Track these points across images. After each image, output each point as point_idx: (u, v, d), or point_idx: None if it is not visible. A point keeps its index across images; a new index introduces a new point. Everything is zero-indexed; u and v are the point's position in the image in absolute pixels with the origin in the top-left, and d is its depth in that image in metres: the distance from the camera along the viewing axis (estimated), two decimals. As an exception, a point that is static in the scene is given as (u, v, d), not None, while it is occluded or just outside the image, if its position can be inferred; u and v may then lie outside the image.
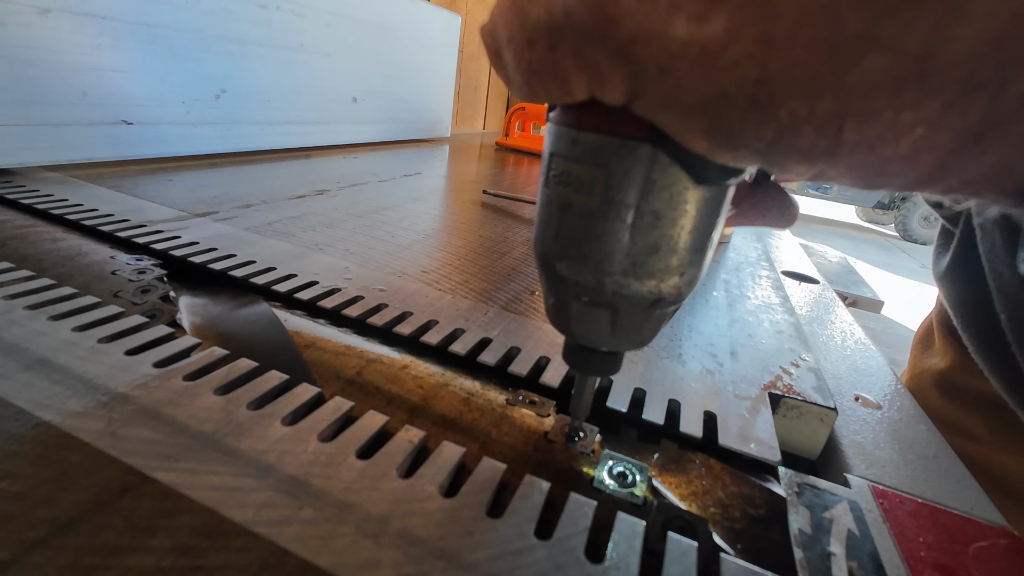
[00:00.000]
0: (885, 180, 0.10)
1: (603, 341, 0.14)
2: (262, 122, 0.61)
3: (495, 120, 1.75)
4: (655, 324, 0.14)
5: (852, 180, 0.10)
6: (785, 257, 0.56)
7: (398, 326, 0.26)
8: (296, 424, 0.17)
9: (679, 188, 0.11)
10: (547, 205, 0.13)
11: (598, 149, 0.11)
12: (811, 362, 0.28)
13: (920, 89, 0.08)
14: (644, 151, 0.11)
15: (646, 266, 0.12)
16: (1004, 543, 0.17)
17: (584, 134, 0.12)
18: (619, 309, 0.13)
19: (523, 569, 0.14)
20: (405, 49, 0.83)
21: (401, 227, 0.42)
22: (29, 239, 0.29)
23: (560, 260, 0.13)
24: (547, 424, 0.20)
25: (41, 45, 0.39)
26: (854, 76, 0.08)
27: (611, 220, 0.12)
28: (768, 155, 0.10)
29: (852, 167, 0.09)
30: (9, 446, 0.15)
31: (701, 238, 0.12)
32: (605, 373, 0.16)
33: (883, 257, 4.15)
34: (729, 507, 0.18)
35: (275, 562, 0.13)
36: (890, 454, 0.23)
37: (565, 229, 0.13)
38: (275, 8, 0.58)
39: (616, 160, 0.11)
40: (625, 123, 0.11)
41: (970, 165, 0.09)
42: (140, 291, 0.24)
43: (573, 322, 0.14)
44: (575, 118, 0.12)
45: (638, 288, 0.12)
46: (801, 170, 0.10)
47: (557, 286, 0.14)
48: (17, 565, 0.12)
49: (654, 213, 0.12)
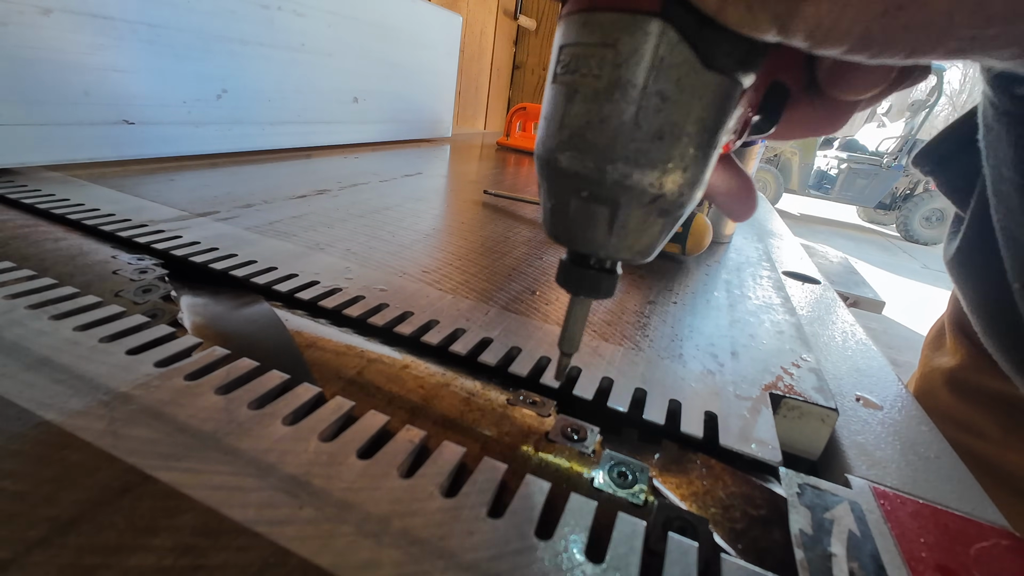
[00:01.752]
0: (898, 18, 0.09)
1: (600, 244, 0.14)
2: (263, 122, 0.61)
3: (496, 120, 1.75)
4: (655, 230, 0.14)
5: (866, 18, 0.09)
6: (786, 257, 0.56)
7: (399, 326, 0.26)
8: (297, 424, 0.17)
9: (687, 69, 0.11)
10: (552, 101, 0.13)
11: (608, 26, 0.11)
12: (812, 362, 0.28)
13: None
14: (655, 26, 0.11)
15: (649, 154, 0.12)
16: (1005, 544, 0.17)
17: (596, 15, 0.11)
18: (619, 204, 0.13)
19: (524, 569, 0.14)
20: (406, 49, 0.83)
21: (402, 227, 0.42)
22: (30, 239, 0.29)
23: (563, 152, 0.13)
24: (548, 424, 0.20)
25: (43, 45, 0.39)
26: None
27: (616, 101, 0.12)
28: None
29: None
30: (10, 445, 0.15)
31: (706, 133, 0.12)
32: (599, 294, 0.15)
33: (884, 257, 4.14)
34: (730, 507, 0.18)
35: (276, 561, 0.13)
36: (891, 455, 0.23)
37: (570, 118, 0.12)
38: (276, 8, 0.58)
39: (626, 36, 0.11)
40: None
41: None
42: (141, 290, 0.24)
43: (571, 222, 0.14)
44: (589, 0, 0.12)
45: (639, 178, 0.12)
46: (813, 6, 0.10)
47: (558, 183, 0.13)
48: (18, 564, 0.12)
49: (660, 94, 0.11)
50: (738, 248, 0.53)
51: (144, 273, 0.26)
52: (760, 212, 0.81)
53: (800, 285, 0.47)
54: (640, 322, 0.31)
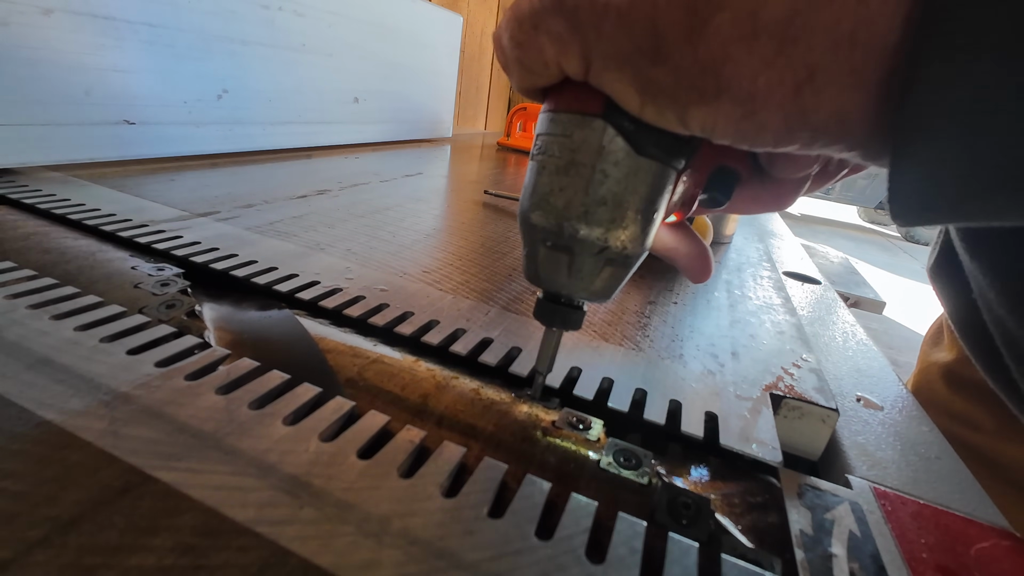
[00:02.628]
0: (760, 119, 0.12)
1: (562, 284, 0.17)
2: (264, 122, 0.61)
3: (496, 120, 1.75)
4: (607, 277, 0.17)
5: (743, 121, 0.13)
6: (787, 257, 0.56)
7: (399, 326, 0.26)
8: (297, 424, 0.17)
9: (622, 155, 0.15)
10: (529, 173, 0.17)
11: (567, 123, 0.15)
12: (813, 363, 0.28)
13: (756, 40, 0.11)
14: (598, 124, 0.15)
15: (596, 214, 0.15)
16: (1006, 544, 0.17)
17: (559, 114, 0.16)
18: (574, 252, 0.16)
19: (524, 569, 0.14)
20: (407, 49, 0.83)
21: (402, 227, 0.42)
22: (33, 240, 0.29)
23: (533, 212, 0.16)
24: (554, 415, 0.20)
25: (44, 45, 0.39)
26: (711, 29, 0.12)
27: (572, 176, 0.15)
28: (676, 96, 0.13)
29: (736, 105, 0.12)
30: (11, 445, 0.15)
31: (642, 202, 0.16)
32: (568, 326, 0.19)
33: (885, 258, 4.14)
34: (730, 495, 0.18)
35: (276, 562, 0.13)
36: (892, 455, 0.23)
37: (539, 187, 0.16)
38: (277, 8, 0.58)
39: (578, 130, 0.15)
40: (586, 102, 0.15)
41: (813, 106, 0.12)
42: (165, 306, 0.24)
43: (540, 267, 0.17)
44: (554, 102, 0.16)
45: (587, 233, 0.16)
46: (701, 110, 0.13)
47: (530, 235, 0.17)
48: (19, 564, 0.12)
49: (603, 172, 0.15)
50: (739, 248, 0.53)
51: (166, 286, 0.26)
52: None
53: (801, 285, 0.47)
54: (641, 322, 0.31)
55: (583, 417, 0.20)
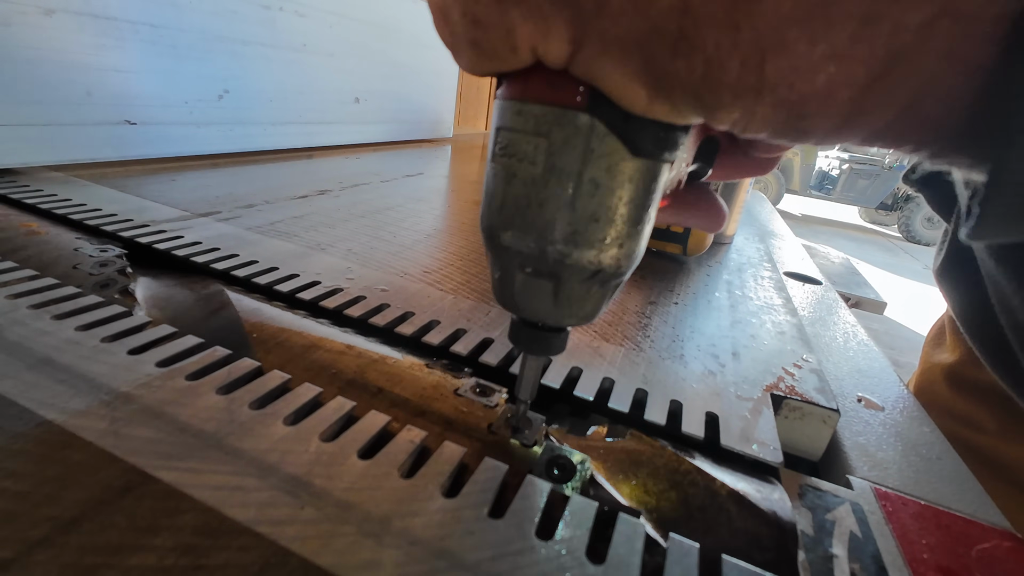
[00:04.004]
0: (812, 122, 0.10)
1: (546, 313, 0.14)
2: (265, 122, 0.61)
3: (497, 120, 1.75)
4: (597, 298, 0.14)
5: (783, 123, 0.10)
6: (787, 258, 0.56)
7: (400, 326, 0.26)
8: (298, 424, 0.17)
9: (616, 158, 0.12)
10: (493, 178, 0.13)
11: (541, 118, 0.12)
12: (813, 363, 0.28)
13: (825, 20, 0.09)
14: (583, 120, 0.12)
15: (586, 234, 0.13)
16: (1007, 545, 0.17)
17: (528, 105, 0.12)
18: (561, 279, 0.13)
19: (524, 569, 0.14)
20: (407, 49, 0.83)
21: (403, 227, 0.42)
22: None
23: (504, 231, 0.13)
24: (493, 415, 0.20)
25: (45, 45, 0.39)
26: (766, 6, 0.09)
27: (552, 187, 0.12)
28: (700, 95, 0.10)
29: (779, 106, 0.10)
30: (12, 445, 0.15)
31: (638, 211, 0.13)
32: (550, 352, 0.16)
33: (886, 258, 4.14)
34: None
35: (276, 561, 0.13)
36: (893, 456, 0.23)
37: (510, 199, 0.13)
38: (278, 9, 0.59)
39: (557, 129, 0.12)
40: (566, 93, 0.11)
41: (883, 104, 0.09)
42: (100, 286, 0.24)
43: (517, 295, 0.14)
44: (520, 90, 0.12)
45: (578, 257, 0.13)
46: (734, 111, 0.10)
47: (502, 258, 0.14)
48: (20, 563, 0.12)
49: (593, 181, 0.12)
50: (739, 249, 0.53)
51: (104, 266, 0.26)
52: (762, 213, 0.81)
53: (801, 286, 0.47)
54: (641, 323, 0.31)
55: (523, 411, 0.19)
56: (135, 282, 0.25)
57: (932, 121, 0.10)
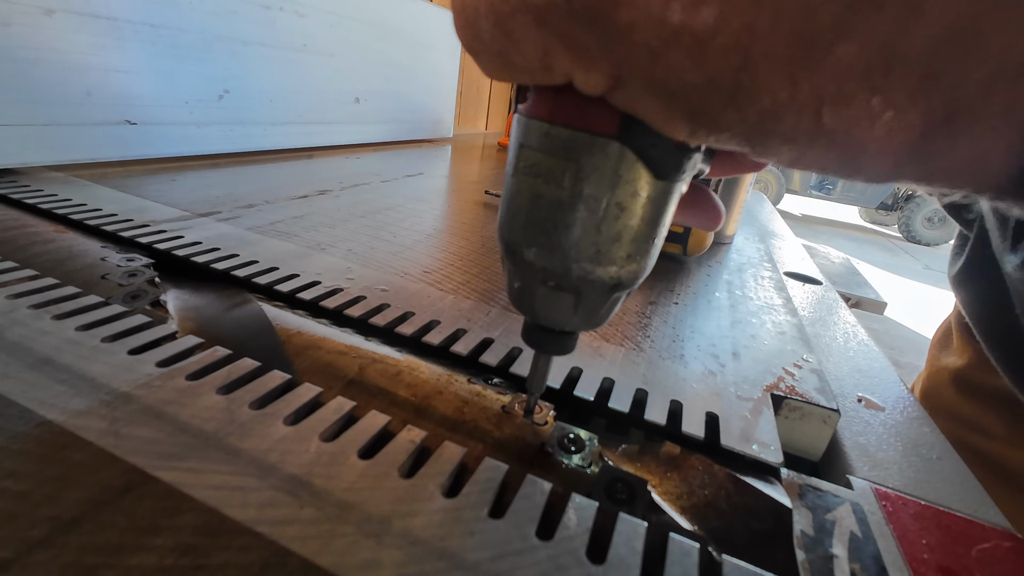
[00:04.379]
0: (866, 163, 0.10)
1: (565, 322, 0.15)
2: (265, 122, 0.61)
3: (497, 120, 1.75)
4: (611, 307, 0.15)
5: (834, 163, 0.10)
6: (788, 258, 0.56)
7: (400, 326, 0.26)
8: (298, 424, 0.17)
9: (641, 183, 0.12)
10: (516, 194, 0.14)
11: (570, 144, 0.12)
12: (814, 363, 0.28)
13: (886, 76, 0.09)
14: (614, 148, 0.12)
15: (609, 253, 0.13)
16: (1007, 545, 0.17)
17: (556, 128, 0.12)
18: (583, 293, 0.14)
19: (525, 569, 0.14)
20: (407, 49, 0.83)
21: (403, 227, 0.42)
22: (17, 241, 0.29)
23: (528, 247, 0.14)
24: (544, 433, 0.20)
25: (46, 45, 0.39)
26: (828, 63, 0.09)
27: (580, 211, 0.13)
28: (751, 137, 0.10)
29: (832, 148, 0.10)
30: (12, 445, 0.15)
31: (657, 227, 0.13)
32: (563, 352, 0.17)
33: (886, 258, 4.14)
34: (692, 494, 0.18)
35: (277, 562, 0.13)
36: (893, 456, 0.23)
37: (534, 218, 0.13)
38: (278, 9, 0.59)
39: (587, 156, 0.12)
40: (598, 119, 0.11)
41: (942, 150, 0.09)
42: (131, 297, 0.24)
43: (538, 305, 0.15)
44: (548, 111, 0.12)
45: (601, 274, 0.13)
46: (783, 152, 0.10)
47: (524, 272, 0.14)
48: (20, 563, 0.12)
49: (619, 206, 0.12)
50: (739, 249, 0.53)
51: (133, 276, 0.26)
52: (762, 213, 0.81)
53: (802, 286, 0.47)
54: (641, 323, 0.31)
55: (535, 402, 0.20)
56: (165, 293, 0.25)
57: (990, 170, 0.10)
